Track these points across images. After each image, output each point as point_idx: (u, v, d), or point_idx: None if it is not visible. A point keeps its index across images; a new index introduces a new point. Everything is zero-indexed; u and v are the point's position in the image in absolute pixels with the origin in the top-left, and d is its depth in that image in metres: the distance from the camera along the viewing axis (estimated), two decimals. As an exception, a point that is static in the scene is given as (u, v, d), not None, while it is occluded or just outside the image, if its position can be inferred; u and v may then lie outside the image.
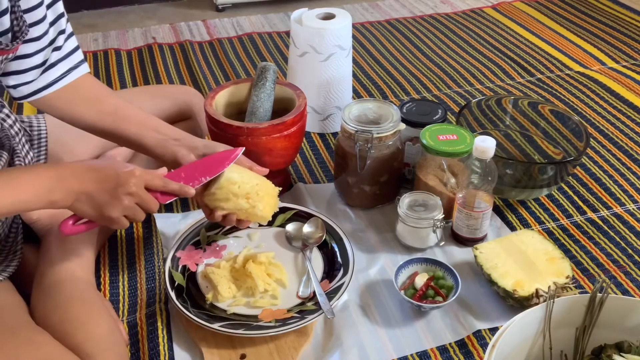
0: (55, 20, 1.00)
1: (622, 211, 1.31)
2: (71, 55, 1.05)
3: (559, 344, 0.86)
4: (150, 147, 1.07)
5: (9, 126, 1.03)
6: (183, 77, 1.88)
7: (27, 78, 1.00)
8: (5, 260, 1.00)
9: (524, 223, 1.28)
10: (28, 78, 1.00)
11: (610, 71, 1.87)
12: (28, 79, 1.00)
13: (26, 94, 1.02)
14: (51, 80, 1.03)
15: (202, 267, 1.11)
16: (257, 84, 1.29)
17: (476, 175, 1.13)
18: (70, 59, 1.05)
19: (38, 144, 1.18)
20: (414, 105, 1.34)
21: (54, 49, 1.01)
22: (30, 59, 0.98)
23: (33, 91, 1.02)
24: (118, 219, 0.92)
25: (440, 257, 1.18)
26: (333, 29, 1.45)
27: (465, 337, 1.03)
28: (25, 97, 1.02)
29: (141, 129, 1.07)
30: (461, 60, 1.97)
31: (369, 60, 1.98)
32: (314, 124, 1.57)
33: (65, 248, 1.06)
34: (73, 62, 1.05)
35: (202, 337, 1.01)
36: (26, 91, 1.02)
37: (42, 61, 1.00)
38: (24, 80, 1.00)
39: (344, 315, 1.06)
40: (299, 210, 1.21)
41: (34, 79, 1.01)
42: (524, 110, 1.44)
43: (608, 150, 1.50)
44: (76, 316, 0.94)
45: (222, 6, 2.41)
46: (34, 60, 0.99)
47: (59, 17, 1.00)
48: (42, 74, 1.02)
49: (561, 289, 1.01)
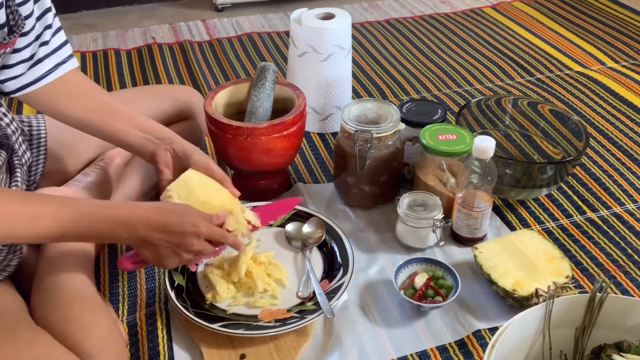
0: (41, 15, 1.00)
1: (621, 211, 1.31)
2: (59, 50, 1.05)
3: (559, 344, 0.86)
4: (132, 144, 1.08)
5: (6, 125, 1.02)
6: (182, 77, 1.88)
7: (14, 72, 1.00)
8: (5, 260, 1.00)
9: (523, 223, 1.28)
10: (15, 72, 1.00)
11: (609, 71, 1.87)
12: (16, 73, 1.00)
13: (14, 89, 1.02)
14: (39, 75, 1.03)
15: (202, 267, 1.11)
16: (257, 84, 1.29)
17: (476, 175, 1.13)
18: (58, 54, 1.05)
19: (37, 144, 1.18)
20: (413, 105, 1.34)
21: (41, 44, 1.01)
22: (19, 53, 0.98)
23: (21, 86, 1.02)
24: (172, 266, 0.95)
25: (439, 257, 1.18)
26: (332, 29, 1.45)
27: (464, 337, 1.03)
28: (14, 92, 1.02)
29: (125, 127, 1.07)
30: (461, 60, 1.97)
31: (368, 60, 1.98)
32: (313, 124, 1.57)
33: (65, 248, 1.06)
34: (61, 57, 1.05)
35: (202, 337, 1.01)
36: (14, 86, 1.01)
37: (29, 55, 1.00)
38: (12, 74, 1.00)
39: (343, 315, 1.06)
40: (298, 210, 1.21)
41: (21, 73, 1.01)
42: (523, 110, 1.44)
43: (608, 150, 1.51)
44: (76, 316, 0.94)
45: (221, 6, 2.41)
46: (22, 55, 0.99)
47: (46, 12, 1.00)
48: (29, 68, 1.01)
49: (561, 289, 1.01)
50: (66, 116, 1.07)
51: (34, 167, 1.17)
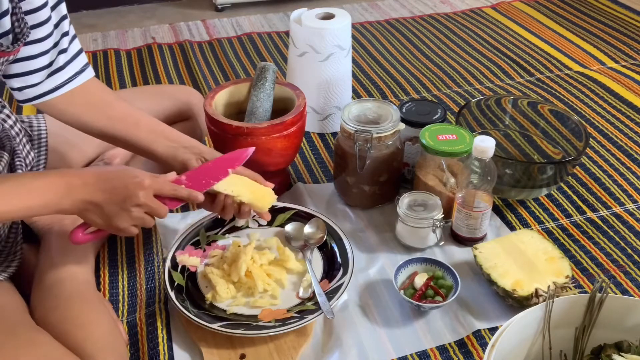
0: (59, 22, 0.99)
1: (621, 211, 1.31)
2: (76, 58, 1.05)
3: (559, 344, 0.86)
4: (160, 154, 1.08)
5: (10, 127, 1.02)
6: (182, 77, 1.88)
7: (32, 80, 0.99)
8: (6, 261, 1.00)
9: (523, 223, 1.28)
10: (34, 80, 0.99)
11: (609, 71, 1.87)
12: (34, 81, 1.00)
13: (32, 97, 1.01)
14: (58, 83, 1.02)
15: (202, 267, 1.11)
16: (257, 83, 1.29)
17: (475, 175, 1.13)
18: (76, 62, 1.05)
19: (38, 144, 1.18)
20: (413, 105, 1.34)
21: (60, 52, 1.01)
22: (35, 60, 0.98)
23: (39, 94, 1.01)
24: (126, 229, 0.92)
25: (439, 256, 1.18)
26: (332, 29, 1.45)
27: (464, 337, 1.03)
28: (31, 100, 1.01)
29: (152, 136, 1.07)
30: (460, 60, 1.97)
31: (368, 60, 1.98)
32: (313, 123, 1.57)
33: (65, 248, 1.06)
34: (79, 66, 1.05)
35: (202, 337, 1.01)
36: (32, 94, 1.01)
37: (47, 63, 0.99)
38: (30, 82, 0.99)
39: (343, 315, 1.06)
40: (298, 210, 1.21)
41: (40, 81, 1.00)
42: (523, 110, 1.45)
43: (607, 150, 1.51)
44: (76, 316, 0.94)
45: (221, 6, 2.41)
46: (39, 62, 0.98)
47: (62, 19, 1.00)
48: (48, 76, 1.01)
49: (561, 289, 1.01)
50: (89, 126, 1.07)
51: (35, 168, 1.17)
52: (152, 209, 0.92)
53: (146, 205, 0.91)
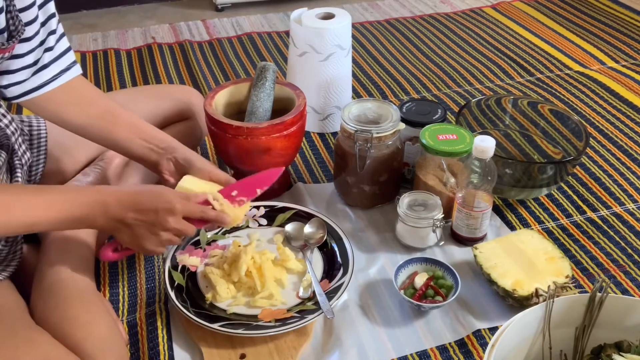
0: (45, 20, 0.99)
1: (621, 211, 1.31)
2: (63, 56, 1.05)
3: (559, 344, 0.86)
4: (133, 153, 1.09)
5: (5, 126, 1.02)
6: (182, 77, 1.88)
7: (18, 78, 1.00)
8: (5, 260, 1.00)
9: (523, 223, 1.28)
10: (19, 78, 1.00)
11: (609, 71, 1.87)
12: (19, 78, 1.00)
13: (17, 95, 1.02)
14: (43, 81, 1.02)
15: (202, 266, 1.11)
16: (257, 83, 1.29)
17: (476, 175, 1.13)
18: (62, 60, 1.05)
19: (38, 144, 1.18)
20: (413, 105, 1.34)
21: (45, 50, 1.01)
22: (22, 59, 0.98)
23: (24, 92, 1.02)
24: (154, 250, 0.94)
25: (439, 256, 1.18)
26: (332, 29, 1.45)
27: (464, 337, 1.03)
28: (17, 98, 1.02)
29: (128, 135, 1.08)
30: (461, 60, 1.97)
31: (368, 60, 1.98)
32: (313, 123, 1.57)
33: (65, 248, 1.06)
34: (65, 64, 1.05)
35: (202, 337, 1.01)
36: (17, 91, 1.01)
37: (33, 61, 1.00)
38: (15, 80, 1.00)
39: (343, 315, 1.06)
40: (298, 210, 1.21)
41: (25, 79, 1.00)
42: (523, 110, 1.45)
43: (608, 150, 1.51)
44: (76, 316, 0.94)
45: (221, 6, 2.41)
46: (26, 60, 0.99)
47: (50, 17, 1.00)
48: (33, 74, 1.01)
49: (561, 289, 1.01)
50: (69, 123, 1.07)
51: (34, 167, 1.17)
52: (180, 231, 0.94)
53: (175, 230, 0.93)
